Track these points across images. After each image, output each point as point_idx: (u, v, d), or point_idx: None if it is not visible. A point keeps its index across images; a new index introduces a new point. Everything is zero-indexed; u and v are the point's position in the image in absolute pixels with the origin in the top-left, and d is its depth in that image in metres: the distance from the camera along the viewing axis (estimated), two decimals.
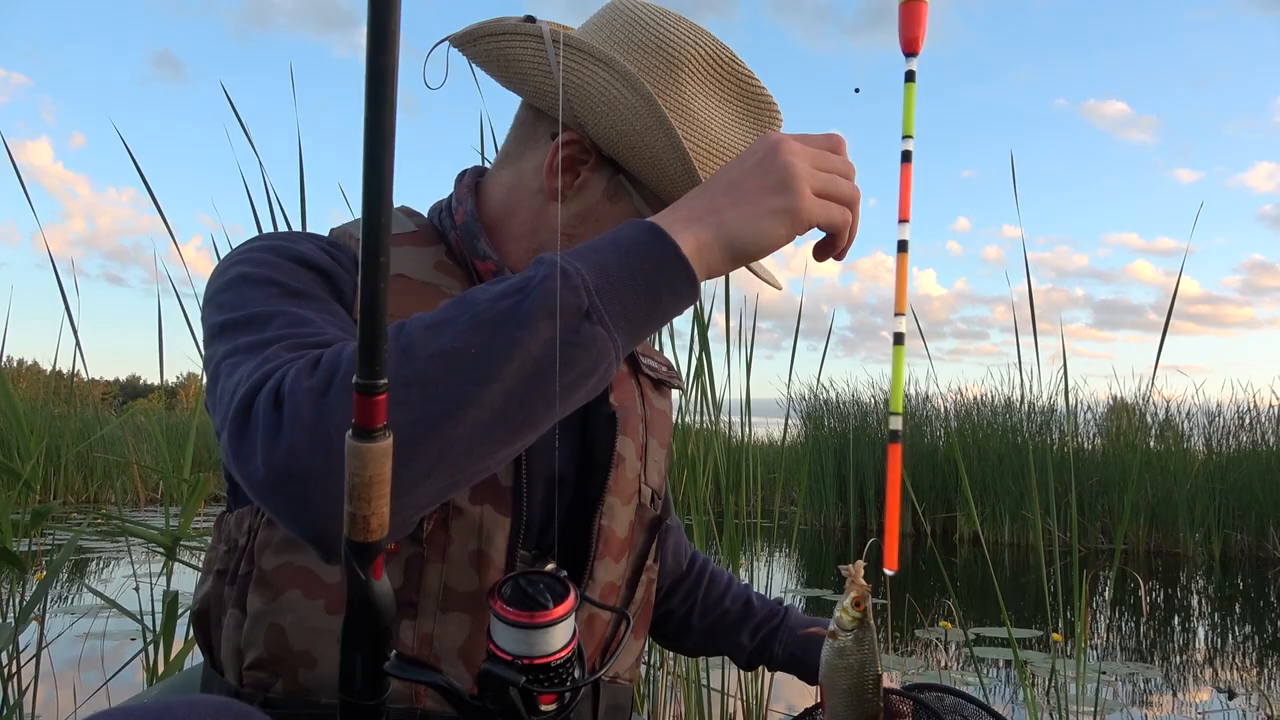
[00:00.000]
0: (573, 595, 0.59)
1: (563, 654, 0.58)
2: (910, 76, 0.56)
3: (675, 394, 1.06)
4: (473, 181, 0.90)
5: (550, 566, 0.61)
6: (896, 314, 0.56)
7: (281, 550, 0.75)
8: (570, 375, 0.61)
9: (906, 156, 0.60)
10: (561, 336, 0.60)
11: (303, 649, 0.74)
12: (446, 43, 0.85)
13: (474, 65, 0.87)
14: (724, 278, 2.49)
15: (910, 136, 0.60)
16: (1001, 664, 3.64)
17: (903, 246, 0.57)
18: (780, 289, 0.92)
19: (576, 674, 0.60)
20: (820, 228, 0.69)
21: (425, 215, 0.91)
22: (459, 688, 0.59)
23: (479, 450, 0.61)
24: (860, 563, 0.75)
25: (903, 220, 0.58)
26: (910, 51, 0.57)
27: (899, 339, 0.53)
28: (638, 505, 0.89)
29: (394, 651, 0.57)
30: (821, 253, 0.72)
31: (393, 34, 0.42)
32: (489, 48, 0.82)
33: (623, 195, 0.82)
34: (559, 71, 0.78)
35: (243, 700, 0.76)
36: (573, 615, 0.59)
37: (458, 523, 0.76)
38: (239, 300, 0.73)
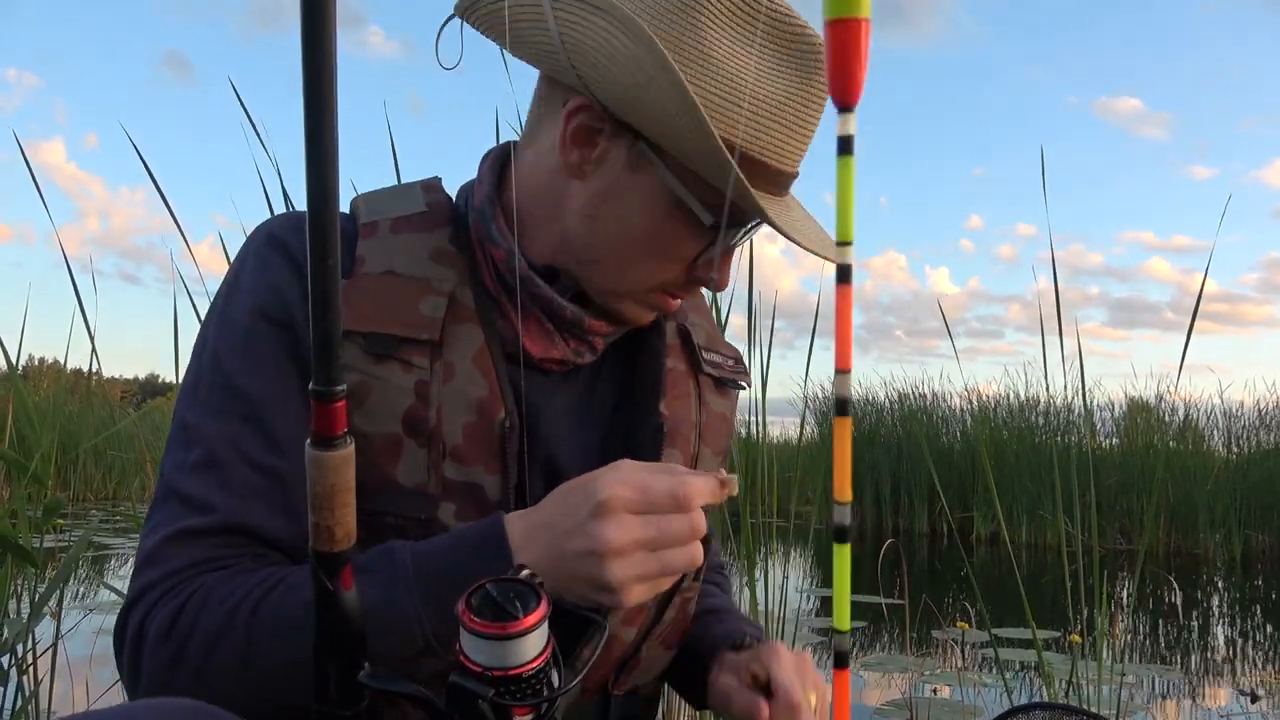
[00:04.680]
0: (545, 603, 0.56)
1: (535, 664, 0.56)
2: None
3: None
4: (496, 160, 0.84)
5: (526, 573, 0.58)
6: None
7: None
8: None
9: None
10: (398, 666, 0.63)
11: None
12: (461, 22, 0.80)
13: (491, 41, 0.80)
14: (741, 273, 2.47)
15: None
16: (1018, 665, 3.60)
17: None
18: (833, 260, 0.85)
19: (555, 681, 0.58)
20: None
21: (447, 192, 0.85)
22: (434, 699, 0.57)
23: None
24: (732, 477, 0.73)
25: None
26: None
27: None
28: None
29: (367, 662, 0.56)
30: None
31: (328, 31, 0.40)
32: (488, 11, 0.77)
33: (645, 165, 0.74)
34: (554, 25, 0.72)
35: None
36: (545, 623, 0.56)
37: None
38: (195, 382, 0.75)
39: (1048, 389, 8.94)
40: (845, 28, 0.28)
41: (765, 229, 0.80)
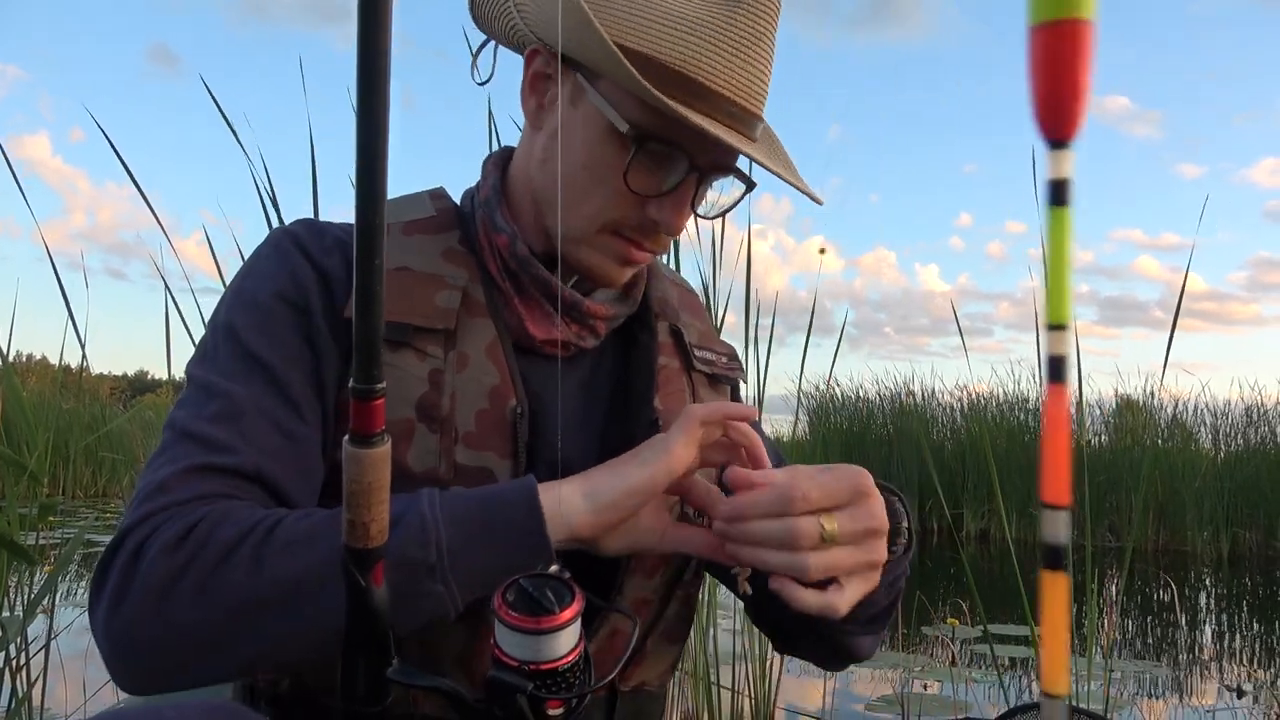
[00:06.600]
0: (579, 598, 0.57)
1: (569, 658, 0.57)
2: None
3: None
4: (499, 158, 0.88)
5: (555, 569, 0.59)
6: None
7: None
8: (398, 623, 0.62)
9: None
10: (401, 588, 0.61)
11: None
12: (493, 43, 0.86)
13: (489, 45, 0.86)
14: (744, 270, 2.47)
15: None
16: (1007, 661, 3.63)
17: None
18: (821, 203, 0.84)
19: (585, 677, 0.59)
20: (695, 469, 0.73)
21: (453, 199, 0.88)
22: (463, 693, 0.58)
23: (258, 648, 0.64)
24: None
25: None
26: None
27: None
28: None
29: (395, 658, 0.56)
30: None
31: (383, 35, 0.40)
32: (488, 12, 0.83)
33: (580, 95, 0.77)
34: None
35: (256, 697, 0.77)
36: (579, 619, 0.57)
37: None
38: (212, 350, 0.75)
39: (1040, 386, 8.98)
40: (1059, 33, 0.20)
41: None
